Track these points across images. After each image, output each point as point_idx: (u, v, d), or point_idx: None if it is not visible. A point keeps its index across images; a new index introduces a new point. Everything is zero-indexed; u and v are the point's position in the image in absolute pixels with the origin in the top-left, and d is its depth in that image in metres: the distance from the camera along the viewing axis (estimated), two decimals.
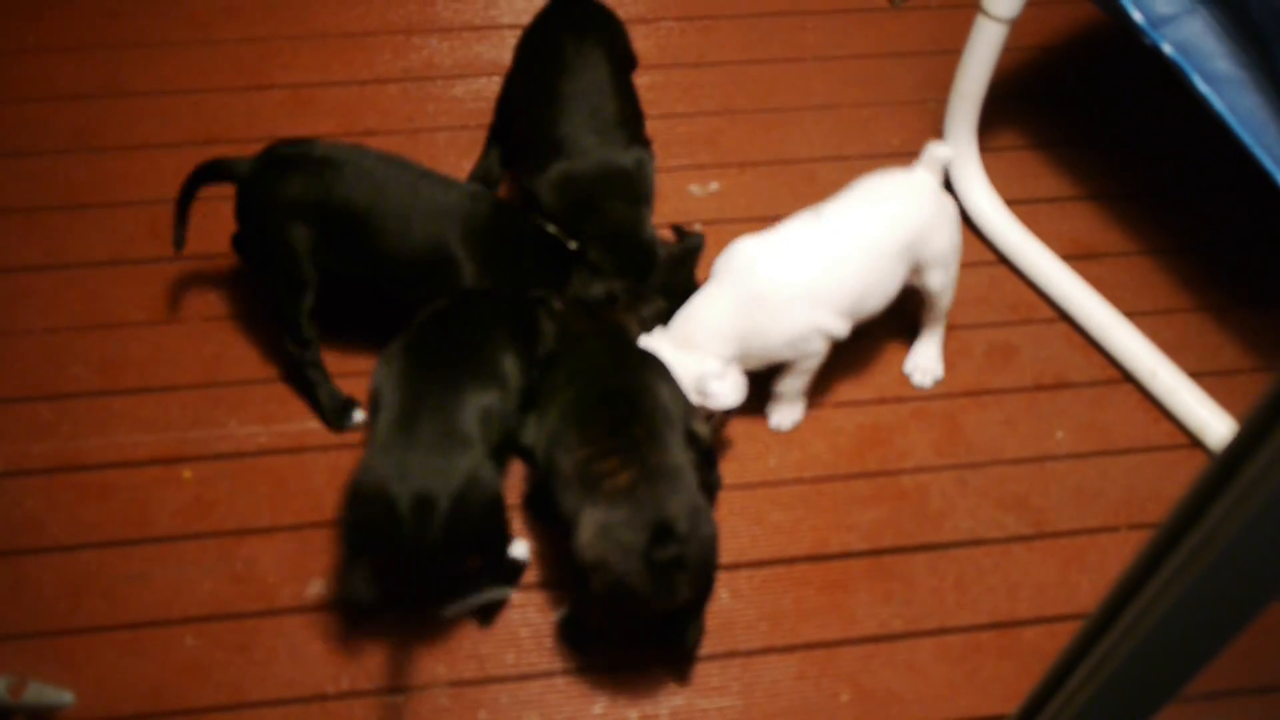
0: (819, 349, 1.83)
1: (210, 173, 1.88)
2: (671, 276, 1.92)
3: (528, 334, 1.77)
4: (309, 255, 1.82)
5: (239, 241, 1.93)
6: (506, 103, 2.17)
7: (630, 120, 2.00)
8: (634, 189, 1.95)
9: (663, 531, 1.48)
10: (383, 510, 1.53)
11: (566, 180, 1.92)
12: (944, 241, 1.88)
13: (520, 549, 1.77)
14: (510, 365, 1.71)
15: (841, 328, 1.82)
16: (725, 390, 1.76)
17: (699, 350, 1.77)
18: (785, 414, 1.94)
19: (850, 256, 1.81)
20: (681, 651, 1.69)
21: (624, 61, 2.10)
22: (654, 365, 1.72)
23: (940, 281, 1.91)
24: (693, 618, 1.64)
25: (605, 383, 1.67)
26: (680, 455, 1.59)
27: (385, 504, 1.53)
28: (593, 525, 1.51)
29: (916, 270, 1.89)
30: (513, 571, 1.75)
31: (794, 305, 1.78)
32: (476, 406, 1.62)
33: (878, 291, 1.83)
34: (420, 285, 1.85)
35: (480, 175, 2.18)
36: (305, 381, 1.92)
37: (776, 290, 1.77)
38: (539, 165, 1.94)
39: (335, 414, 1.92)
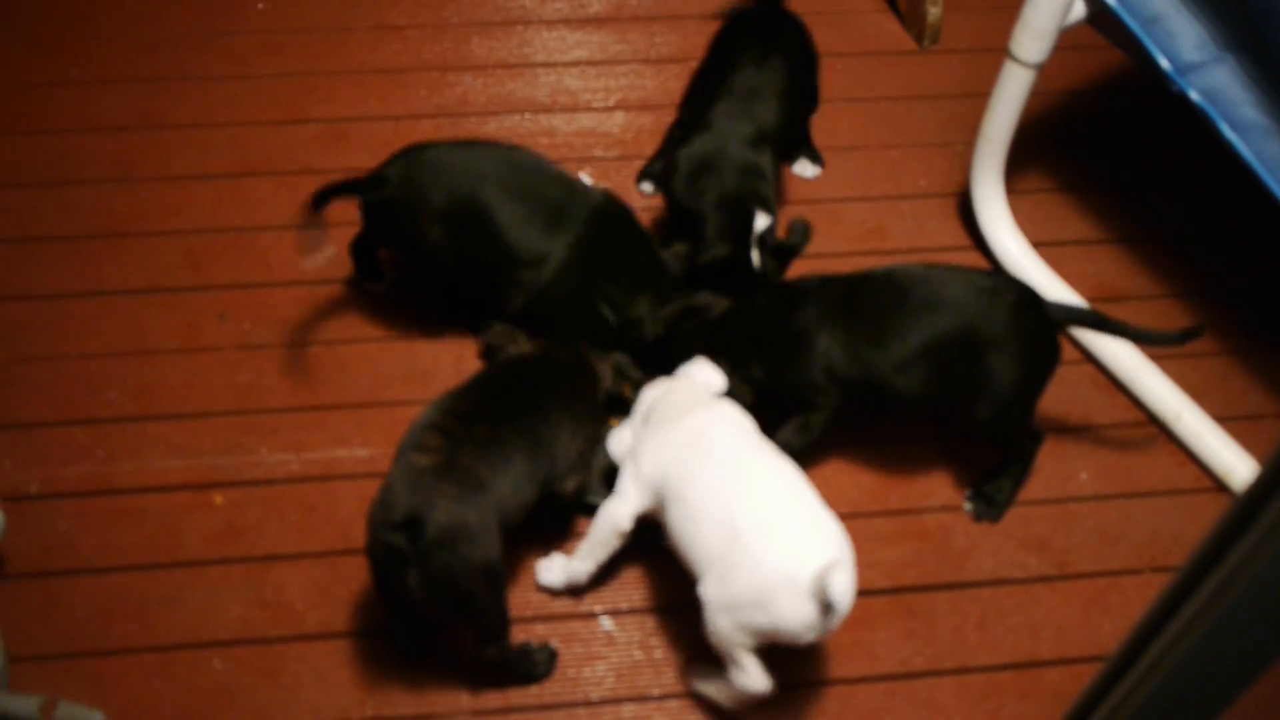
0: (611, 514, 1.71)
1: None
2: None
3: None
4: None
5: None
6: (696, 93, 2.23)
7: (782, 131, 2.13)
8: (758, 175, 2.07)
9: (410, 524, 1.49)
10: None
11: (702, 158, 2.05)
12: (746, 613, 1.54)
13: None
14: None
15: (629, 505, 1.69)
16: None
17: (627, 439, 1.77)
18: (546, 572, 1.81)
19: (691, 477, 1.62)
20: (476, 658, 1.67)
21: (801, 85, 2.24)
22: (576, 410, 1.75)
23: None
24: (482, 636, 1.63)
25: (506, 385, 1.73)
26: (506, 482, 1.59)
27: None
28: (385, 482, 1.57)
29: None
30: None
31: (656, 436, 1.69)
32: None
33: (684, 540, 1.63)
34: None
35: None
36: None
37: (672, 413, 1.70)
38: (684, 140, 2.09)
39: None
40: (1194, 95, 1.85)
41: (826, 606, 1.47)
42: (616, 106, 2.52)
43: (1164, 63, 1.87)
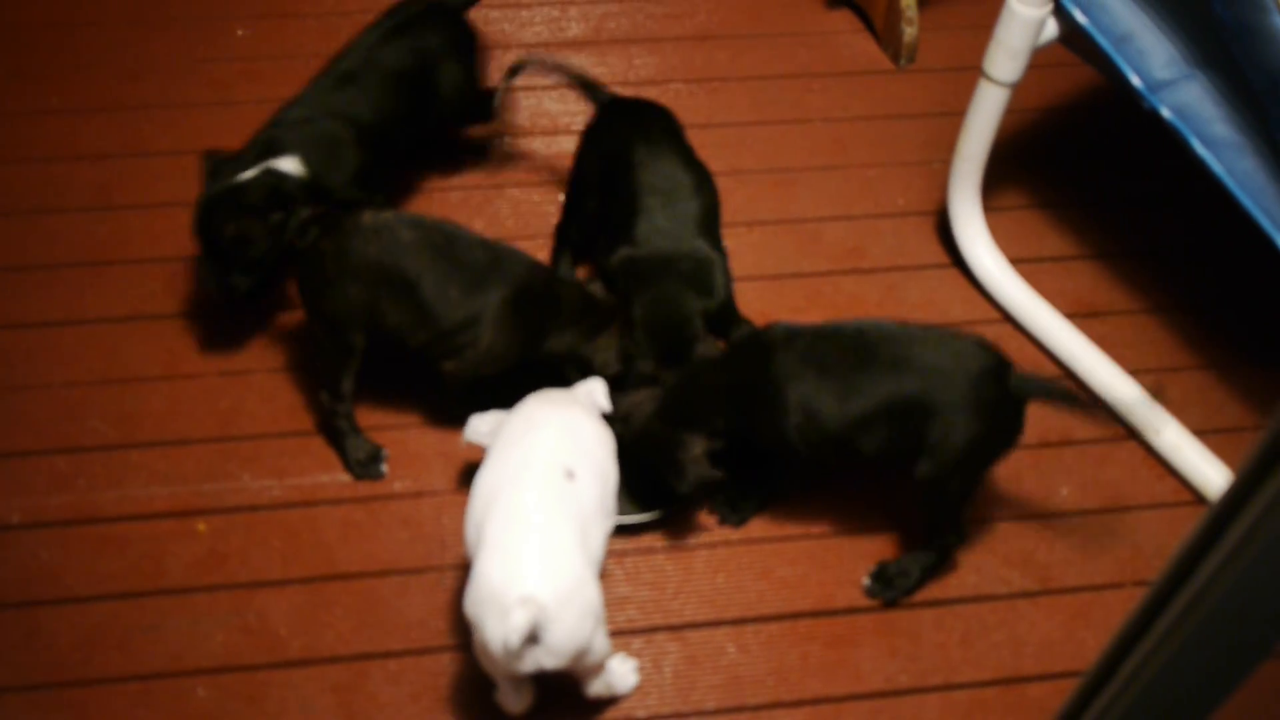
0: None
1: None
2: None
3: None
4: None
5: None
6: (577, 207, 2.17)
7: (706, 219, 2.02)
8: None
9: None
10: None
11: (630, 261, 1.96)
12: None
13: None
14: None
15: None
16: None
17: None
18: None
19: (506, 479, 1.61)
20: None
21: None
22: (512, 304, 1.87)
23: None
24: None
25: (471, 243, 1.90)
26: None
27: None
28: None
29: None
30: None
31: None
32: None
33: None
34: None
35: None
36: (334, 430, 1.97)
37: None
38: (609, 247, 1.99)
39: (360, 464, 1.96)
40: (1165, 112, 1.87)
41: (533, 638, 1.46)
42: None
43: (1135, 80, 1.89)
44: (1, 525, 1.88)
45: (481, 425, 1.77)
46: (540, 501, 1.57)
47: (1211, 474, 1.97)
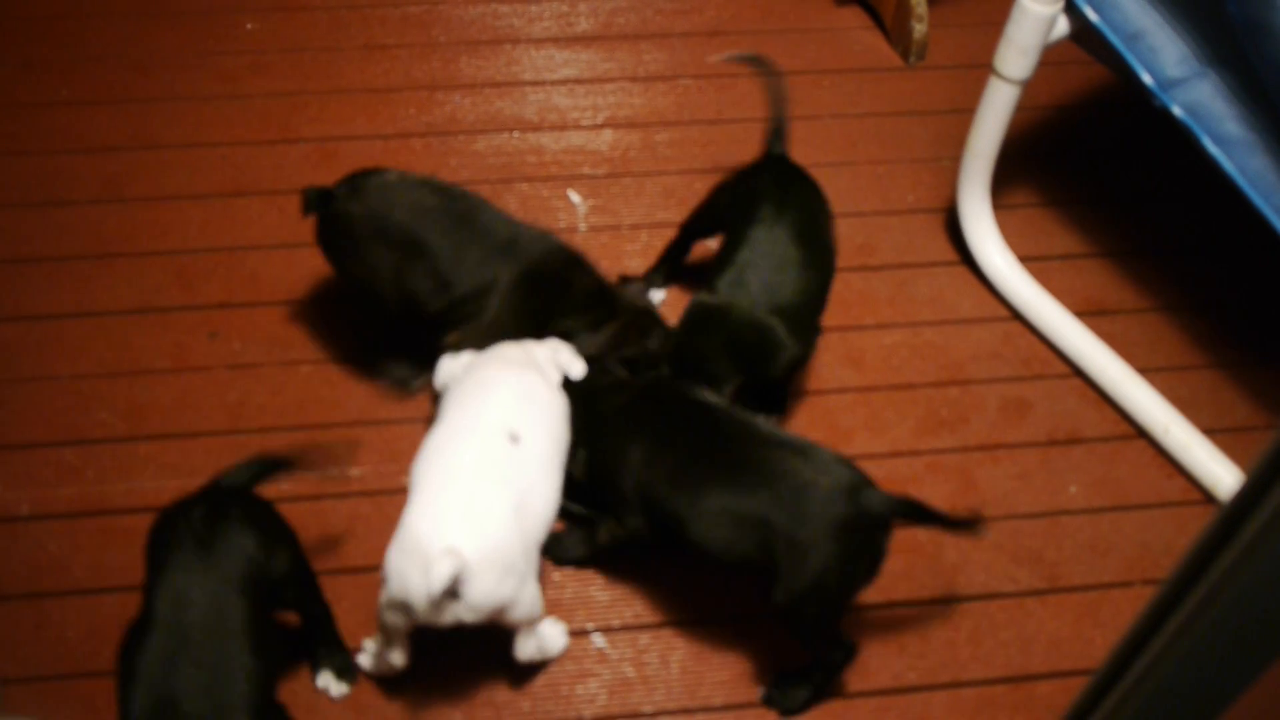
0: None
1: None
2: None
3: None
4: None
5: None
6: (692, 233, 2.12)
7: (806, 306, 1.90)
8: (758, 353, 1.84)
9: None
10: None
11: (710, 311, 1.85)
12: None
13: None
14: None
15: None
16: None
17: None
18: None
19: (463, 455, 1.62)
20: None
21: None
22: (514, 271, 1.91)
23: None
24: None
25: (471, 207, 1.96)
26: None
27: None
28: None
29: None
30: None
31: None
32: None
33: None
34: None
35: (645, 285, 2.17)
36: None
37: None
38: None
39: (403, 380, 2.04)
40: (1177, 110, 1.86)
41: (453, 593, 1.49)
42: (604, 124, 2.53)
43: (1146, 78, 1.89)
44: (10, 517, 1.88)
45: (455, 366, 1.80)
46: (477, 462, 1.59)
47: (1221, 473, 1.96)
